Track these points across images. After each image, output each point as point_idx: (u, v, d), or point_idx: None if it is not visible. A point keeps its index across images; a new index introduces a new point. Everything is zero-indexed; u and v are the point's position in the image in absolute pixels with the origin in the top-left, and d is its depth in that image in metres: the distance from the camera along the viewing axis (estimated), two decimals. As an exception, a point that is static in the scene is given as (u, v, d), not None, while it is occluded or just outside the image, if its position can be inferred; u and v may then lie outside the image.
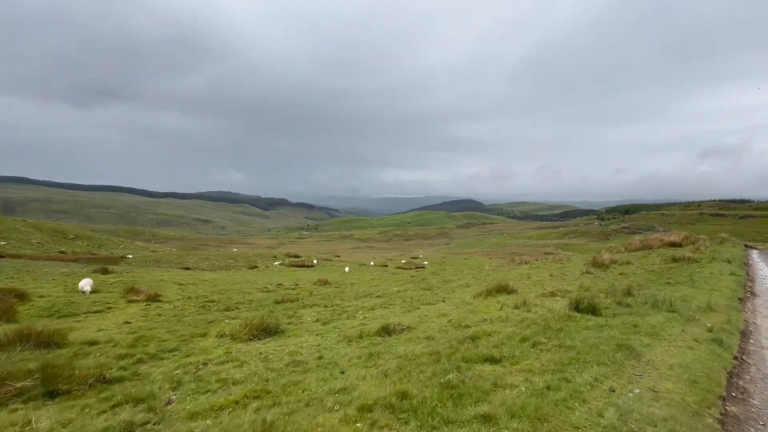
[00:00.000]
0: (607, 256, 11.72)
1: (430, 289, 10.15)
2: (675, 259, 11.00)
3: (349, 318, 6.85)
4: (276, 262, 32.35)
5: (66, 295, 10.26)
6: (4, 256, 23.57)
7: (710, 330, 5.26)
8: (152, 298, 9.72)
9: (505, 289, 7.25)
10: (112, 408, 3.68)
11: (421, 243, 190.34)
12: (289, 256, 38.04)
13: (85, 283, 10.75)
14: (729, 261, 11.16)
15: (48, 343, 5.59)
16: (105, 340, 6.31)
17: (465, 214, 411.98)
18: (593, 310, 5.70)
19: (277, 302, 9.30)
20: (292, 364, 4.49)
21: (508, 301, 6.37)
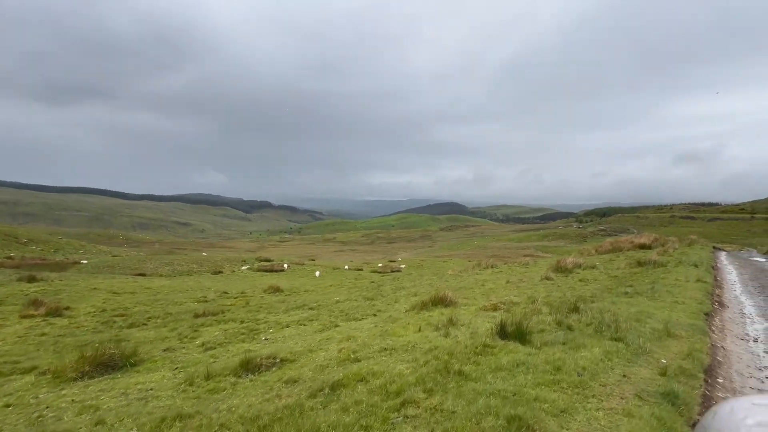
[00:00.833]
0: (571, 260, 11.07)
1: (373, 299, 9.21)
2: (640, 263, 10.45)
3: (246, 340, 5.80)
4: (244, 267, 30.83)
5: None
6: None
7: (663, 372, 3.89)
8: (54, 312, 8.40)
9: (443, 302, 6.34)
10: None
11: (404, 245, 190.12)
12: (261, 260, 36.47)
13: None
14: (696, 265, 10.69)
15: None
16: None
17: (448, 216, 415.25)
18: (521, 335, 4.53)
19: (197, 316, 8.14)
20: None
21: (437, 318, 5.43)
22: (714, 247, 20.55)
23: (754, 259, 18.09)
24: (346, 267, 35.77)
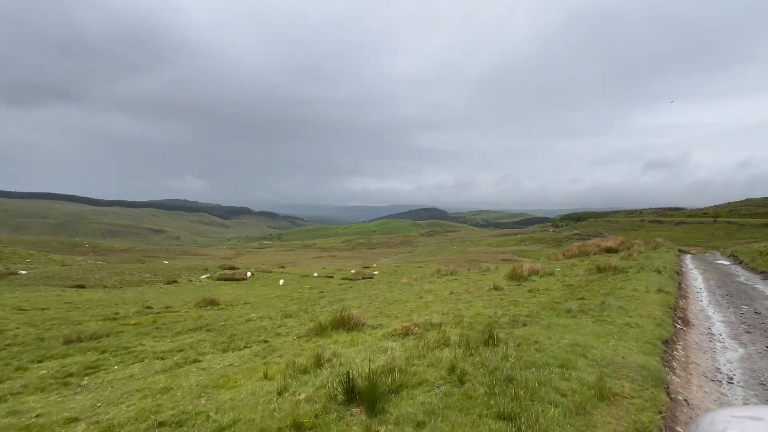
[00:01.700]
0: (527, 267, 10.24)
1: (292, 316, 8.05)
2: (600, 269, 9.71)
3: (57, 389, 4.51)
4: (203, 276, 28.90)
5: None
6: None
7: None
8: None
9: (344, 324, 5.20)
10: None
11: (384, 251, 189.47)
12: (224, 268, 34.46)
13: None
14: (659, 271, 10.01)
15: None
16: None
17: (429, 222, 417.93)
18: (371, 401, 3.12)
19: (67, 342, 6.66)
20: None
21: (318, 349, 4.30)
22: (680, 250, 20.49)
23: (719, 262, 17.96)
24: (316, 274, 34.27)
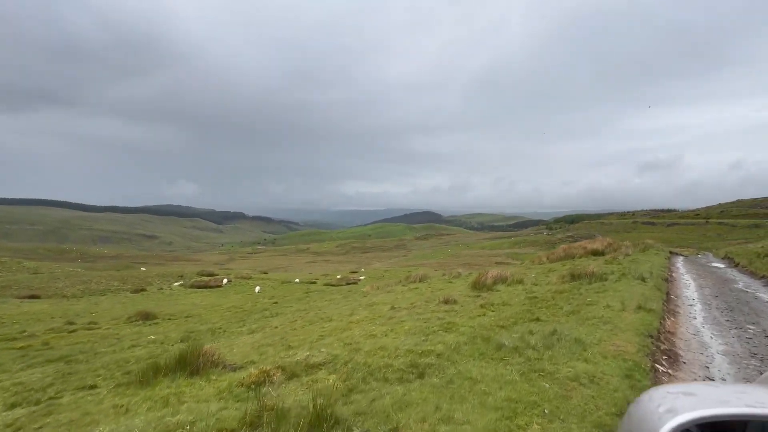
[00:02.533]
0: (493, 274, 9.02)
1: (184, 341, 6.87)
2: (574, 277, 8.48)
3: None
4: (176, 283, 27.44)
5: None
6: None
7: None
8: None
9: (188, 364, 3.87)
10: None
11: (378, 255, 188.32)
12: (202, 275, 33.00)
13: None
14: (644, 278, 8.65)
15: None
16: None
17: (424, 225, 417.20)
18: None
19: None
20: None
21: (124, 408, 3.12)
22: (671, 252, 19.40)
23: (714, 264, 16.86)
24: (297, 280, 32.91)
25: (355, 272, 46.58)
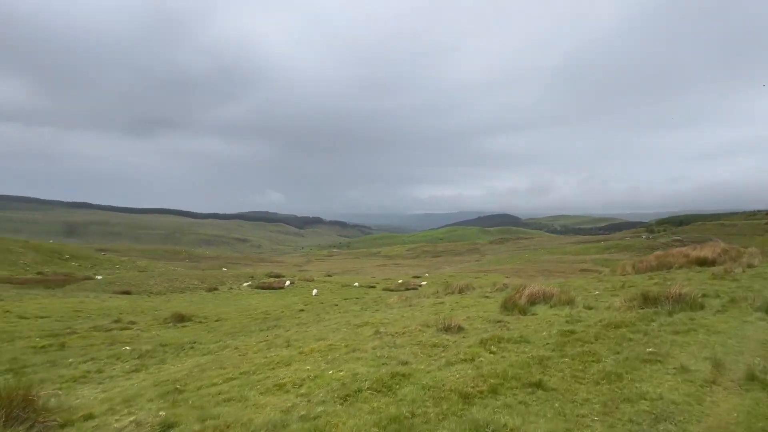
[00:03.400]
0: (531, 291, 6.82)
1: (141, 358, 6.26)
2: (647, 300, 5.87)
3: None
4: (245, 284, 29.34)
5: None
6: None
7: None
8: None
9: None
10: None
11: (450, 259, 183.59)
12: (269, 276, 34.95)
13: None
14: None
15: None
16: None
17: (500, 228, 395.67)
18: None
19: None
20: None
21: None
22: None
23: None
24: (356, 284, 32.87)
25: (418, 277, 45.24)
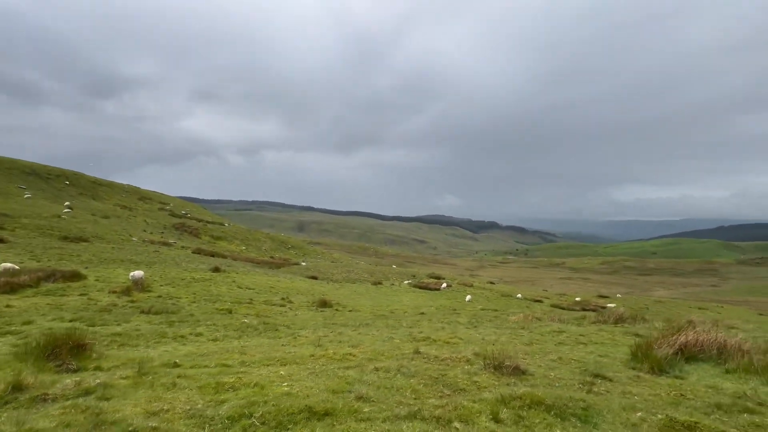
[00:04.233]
0: (685, 338, 3.48)
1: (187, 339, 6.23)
2: None
3: None
4: (406, 282, 31.19)
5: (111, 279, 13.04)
6: (217, 255, 33.10)
7: None
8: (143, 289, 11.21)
9: None
10: None
11: (666, 280, 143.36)
12: (431, 277, 35.98)
13: (136, 273, 13.23)
14: None
15: None
16: None
17: (757, 244, 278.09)
18: None
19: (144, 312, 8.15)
20: None
21: None
22: None
23: None
24: (519, 296, 29.60)
25: (607, 297, 36.83)
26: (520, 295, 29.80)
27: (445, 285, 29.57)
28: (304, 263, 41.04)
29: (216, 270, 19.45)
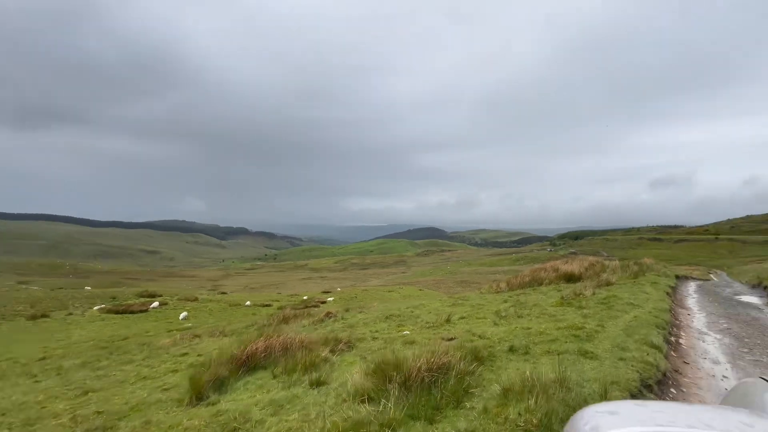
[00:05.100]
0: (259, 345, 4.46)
1: None
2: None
3: None
4: (95, 307, 23.47)
5: None
6: None
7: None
8: None
9: None
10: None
11: (377, 272, 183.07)
12: (141, 296, 29.03)
13: None
14: (627, 351, 3.60)
15: None
16: None
17: (427, 241, 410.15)
18: None
19: None
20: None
21: None
22: (677, 277, 14.55)
23: (744, 299, 11.64)
24: (248, 303, 28.81)
25: (328, 292, 42.29)
26: (249, 303, 28.93)
27: (156, 304, 24.46)
28: None
29: None
